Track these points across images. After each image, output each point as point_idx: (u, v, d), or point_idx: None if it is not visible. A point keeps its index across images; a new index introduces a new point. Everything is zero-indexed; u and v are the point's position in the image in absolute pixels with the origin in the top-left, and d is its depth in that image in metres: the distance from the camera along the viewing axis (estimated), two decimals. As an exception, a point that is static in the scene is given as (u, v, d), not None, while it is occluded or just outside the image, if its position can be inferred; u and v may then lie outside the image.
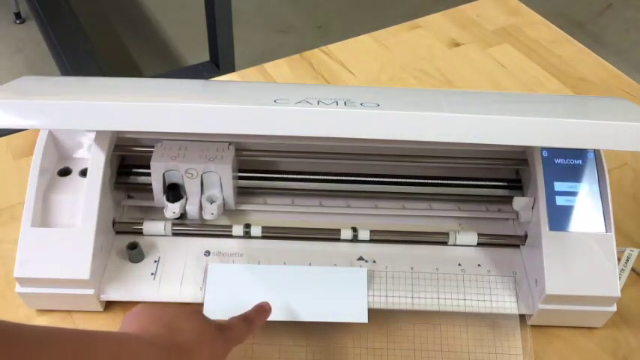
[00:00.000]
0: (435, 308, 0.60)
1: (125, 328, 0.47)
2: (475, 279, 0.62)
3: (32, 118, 0.53)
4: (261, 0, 2.32)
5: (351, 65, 0.93)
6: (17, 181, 0.74)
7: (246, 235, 0.64)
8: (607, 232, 0.59)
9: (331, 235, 0.64)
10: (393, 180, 0.67)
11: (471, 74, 0.92)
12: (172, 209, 0.62)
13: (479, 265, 0.63)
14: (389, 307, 0.60)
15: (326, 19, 2.26)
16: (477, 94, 0.69)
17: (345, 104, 0.53)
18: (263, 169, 0.67)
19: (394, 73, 0.92)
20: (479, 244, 0.64)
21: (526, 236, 0.63)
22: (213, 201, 0.63)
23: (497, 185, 0.67)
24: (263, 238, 0.64)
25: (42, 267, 0.57)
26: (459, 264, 0.63)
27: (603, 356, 0.60)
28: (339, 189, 0.67)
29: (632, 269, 0.66)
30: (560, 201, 0.60)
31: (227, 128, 0.53)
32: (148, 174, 0.63)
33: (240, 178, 0.66)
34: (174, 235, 0.64)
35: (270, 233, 0.64)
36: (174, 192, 0.63)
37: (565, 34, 1.00)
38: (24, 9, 2.17)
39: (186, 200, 0.63)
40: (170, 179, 0.63)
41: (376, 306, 0.60)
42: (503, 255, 0.64)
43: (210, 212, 0.62)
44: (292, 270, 0.61)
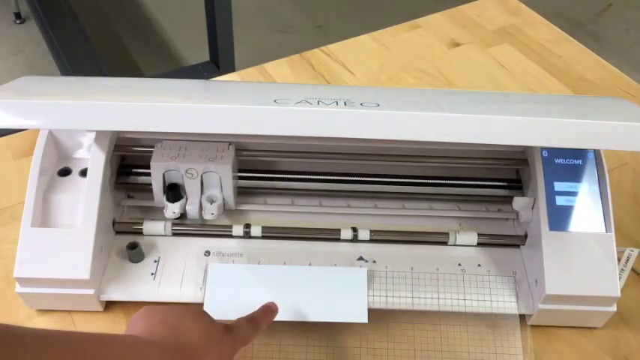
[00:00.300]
0: (435, 308, 0.60)
1: (131, 330, 0.47)
2: (475, 279, 0.62)
3: (32, 118, 0.53)
4: (261, 0, 2.32)
5: (351, 65, 0.93)
6: (17, 181, 0.74)
7: (246, 235, 0.64)
8: (607, 232, 0.59)
9: (331, 235, 0.64)
10: (393, 180, 0.67)
11: (471, 74, 0.92)
12: (172, 209, 0.62)
13: (479, 265, 0.63)
14: (389, 307, 0.60)
15: (326, 19, 2.26)
16: (477, 94, 0.69)
17: (345, 104, 0.53)
18: (263, 169, 0.67)
19: (394, 73, 0.92)
20: (479, 244, 0.64)
21: (526, 236, 0.63)
22: (213, 201, 0.63)
23: (497, 185, 0.67)
24: (263, 238, 0.64)
25: (42, 267, 0.57)
26: (459, 264, 0.63)
27: (603, 356, 0.60)
28: (339, 189, 0.67)
29: (632, 269, 0.66)
30: (560, 201, 0.60)
31: (227, 128, 0.53)
32: (148, 174, 0.63)
33: (240, 178, 0.66)
34: (174, 235, 0.64)
35: (270, 233, 0.64)
36: (174, 192, 0.63)
37: (565, 34, 1.00)
38: (24, 9, 2.17)
39: (186, 200, 0.63)
40: (170, 179, 0.63)
41: (376, 306, 0.60)
42: (503, 255, 0.64)
43: (210, 212, 0.62)
44: (292, 270, 0.61)
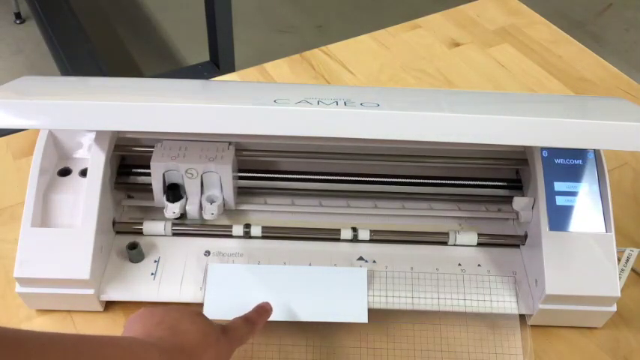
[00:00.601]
0: (435, 308, 0.60)
1: (129, 331, 0.47)
2: (475, 279, 0.62)
3: (32, 118, 0.53)
4: (261, 0, 2.32)
5: (351, 65, 0.93)
6: (17, 181, 0.74)
7: (246, 235, 0.64)
8: (607, 232, 0.59)
9: (331, 235, 0.64)
10: (393, 180, 0.67)
11: (471, 74, 0.92)
12: (172, 209, 0.62)
13: (479, 265, 0.63)
14: (389, 307, 0.60)
15: (326, 19, 2.26)
16: (476, 94, 0.69)
17: (345, 104, 0.53)
18: (263, 169, 0.67)
19: (394, 73, 0.92)
20: (479, 244, 0.64)
21: (526, 236, 0.63)
22: (213, 201, 0.63)
23: (497, 185, 0.67)
24: (263, 238, 0.64)
25: (42, 267, 0.57)
26: (459, 264, 0.63)
27: (603, 356, 0.60)
28: (339, 189, 0.67)
29: (632, 269, 0.66)
30: (560, 201, 0.60)
31: (227, 128, 0.53)
32: (148, 174, 0.63)
33: (240, 178, 0.66)
34: (174, 235, 0.64)
35: (270, 233, 0.64)
36: (174, 192, 0.63)
37: (565, 34, 1.00)
38: (24, 9, 2.17)
39: (186, 200, 0.63)
40: (170, 179, 0.63)
41: (376, 306, 0.60)
42: (503, 255, 0.64)
43: (210, 212, 0.62)
44: (292, 270, 0.61)
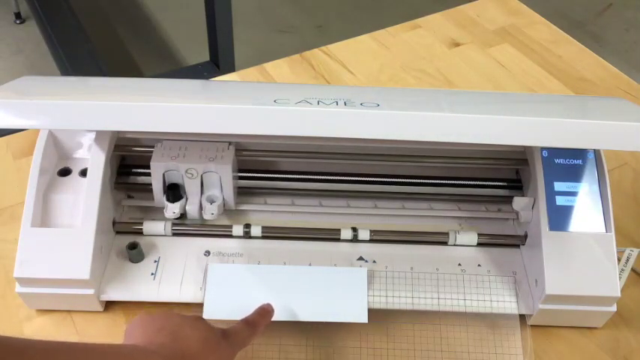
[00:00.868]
0: (435, 308, 0.60)
1: (129, 337, 0.47)
2: (475, 279, 0.62)
3: (32, 118, 0.53)
4: (261, 0, 2.32)
5: (351, 65, 0.93)
6: (17, 181, 0.74)
7: (246, 235, 0.64)
8: (607, 232, 0.59)
9: (331, 235, 0.64)
10: (393, 180, 0.67)
11: (471, 74, 0.92)
12: (172, 209, 0.62)
13: (479, 265, 0.63)
14: (389, 307, 0.60)
15: (326, 19, 2.26)
16: (477, 94, 0.69)
17: (345, 104, 0.53)
18: (263, 169, 0.67)
19: (394, 73, 0.92)
20: (479, 244, 0.64)
21: (526, 236, 0.63)
22: (213, 201, 0.63)
23: (497, 185, 0.67)
24: (263, 238, 0.64)
25: (42, 267, 0.57)
26: (459, 264, 0.63)
27: (603, 356, 0.60)
28: (339, 189, 0.67)
29: (632, 269, 0.66)
30: (560, 201, 0.60)
31: (227, 128, 0.53)
32: (148, 174, 0.63)
33: (240, 178, 0.66)
34: (174, 235, 0.64)
35: (270, 233, 0.64)
36: (174, 192, 0.63)
37: (565, 34, 1.00)
38: (24, 9, 2.17)
39: (186, 200, 0.63)
40: (170, 179, 0.63)
41: (376, 306, 0.60)
42: (503, 255, 0.64)
43: (210, 212, 0.62)
44: (292, 270, 0.61)
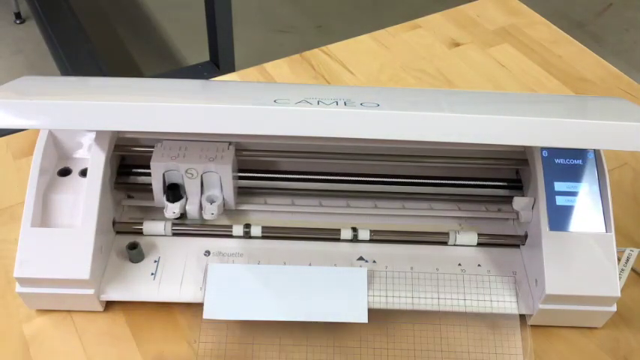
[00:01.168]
0: (435, 308, 0.60)
1: None
2: (475, 279, 0.62)
3: (32, 118, 0.53)
4: (261, 0, 2.32)
5: (351, 65, 0.93)
6: (17, 181, 0.74)
7: (246, 235, 0.64)
8: (607, 232, 0.59)
9: (331, 235, 0.64)
10: (393, 180, 0.67)
11: (471, 74, 0.92)
12: (172, 209, 0.62)
13: (479, 265, 0.63)
14: (389, 307, 0.60)
15: (326, 19, 2.26)
16: (476, 94, 0.69)
17: (345, 104, 0.53)
18: (263, 169, 0.67)
19: (394, 73, 0.92)
20: (479, 244, 0.64)
21: (526, 236, 0.63)
22: (213, 201, 0.63)
23: (497, 185, 0.67)
24: (263, 238, 0.64)
25: (42, 267, 0.57)
26: (459, 264, 0.63)
27: (603, 356, 0.60)
28: (339, 189, 0.67)
29: (632, 269, 0.66)
30: (560, 201, 0.60)
31: (227, 128, 0.53)
32: (148, 174, 0.63)
33: (240, 178, 0.66)
34: (174, 235, 0.64)
35: (270, 233, 0.64)
36: (174, 192, 0.63)
37: (565, 34, 1.00)
38: (24, 9, 2.17)
39: (186, 200, 0.63)
40: (170, 179, 0.63)
41: (376, 306, 0.60)
42: (503, 255, 0.64)
43: (210, 212, 0.62)
44: (292, 270, 0.61)
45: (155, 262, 0.62)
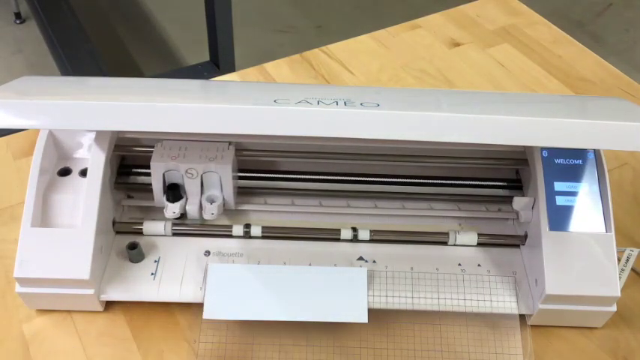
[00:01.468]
0: (435, 308, 0.60)
1: None
2: (475, 279, 0.62)
3: (32, 118, 0.53)
4: (261, 0, 2.32)
5: (351, 65, 0.93)
6: (17, 181, 0.74)
7: (246, 235, 0.64)
8: (607, 232, 0.59)
9: (331, 235, 0.64)
10: (393, 180, 0.67)
11: (471, 74, 0.92)
12: (172, 209, 0.62)
13: (479, 265, 0.63)
14: (389, 307, 0.60)
15: (326, 19, 2.26)
16: (476, 94, 0.69)
17: (345, 104, 0.53)
18: (263, 169, 0.67)
19: (394, 73, 0.92)
20: (479, 244, 0.64)
21: (526, 236, 0.63)
22: (213, 201, 0.63)
23: (497, 185, 0.67)
24: (263, 238, 0.64)
25: (42, 267, 0.57)
26: (459, 264, 0.63)
27: (603, 356, 0.60)
28: (339, 189, 0.67)
29: (632, 269, 0.66)
30: (560, 201, 0.60)
31: (227, 128, 0.53)
32: (148, 174, 0.63)
33: (240, 178, 0.66)
34: (174, 235, 0.64)
35: (270, 233, 0.64)
36: (174, 192, 0.63)
37: (565, 34, 1.00)
38: (24, 9, 2.17)
39: (186, 200, 0.63)
40: (170, 179, 0.63)
41: (376, 306, 0.60)
42: (503, 255, 0.64)
43: (210, 212, 0.62)
44: (292, 270, 0.61)
45: (155, 262, 0.62)
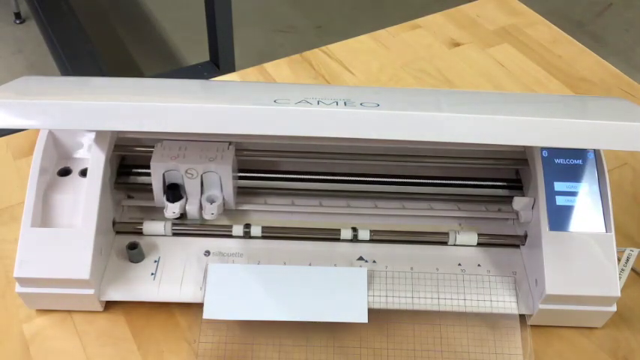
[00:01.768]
0: (435, 308, 0.60)
1: None
2: (475, 279, 0.62)
3: (32, 118, 0.53)
4: (261, 0, 2.32)
5: (351, 65, 0.93)
6: (17, 181, 0.74)
7: (246, 235, 0.64)
8: (607, 232, 0.59)
9: (331, 235, 0.64)
10: (393, 180, 0.67)
11: (471, 74, 0.92)
12: (172, 209, 0.62)
13: (479, 265, 0.63)
14: (389, 307, 0.60)
15: (326, 19, 2.26)
16: (476, 94, 0.69)
17: (345, 104, 0.53)
18: (263, 169, 0.67)
19: (394, 73, 0.92)
20: (479, 244, 0.64)
21: (526, 236, 0.63)
22: (213, 201, 0.63)
23: (497, 185, 0.67)
24: (263, 238, 0.64)
25: (42, 267, 0.57)
26: (459, 264, 0.63)
27: (603, 356, 0.60)
28: (339, 189, 0.67)
29: (632, 269, 0.66)
30: (560, 201, 0.60)
31: (227, 128, 0.53)
32: (148, 174, 0.63)
33: (240, 178, 0.66)
34: (174, 235, 0.64)
35: (270, 233, 0.64)
36: (174, 192, 0.63)
37: (565, 34, 1.00)
38: (24, 9, 2.17)
39: (186, 200, 0.63)
40: (170, 179, 0.63)
41: (376, 306, 0.60)
42: (503, 255, 0.64)
43: (210, 212, 0.62)
44: (292, 270, 0.61)
45: (155, 262, 0.62)
